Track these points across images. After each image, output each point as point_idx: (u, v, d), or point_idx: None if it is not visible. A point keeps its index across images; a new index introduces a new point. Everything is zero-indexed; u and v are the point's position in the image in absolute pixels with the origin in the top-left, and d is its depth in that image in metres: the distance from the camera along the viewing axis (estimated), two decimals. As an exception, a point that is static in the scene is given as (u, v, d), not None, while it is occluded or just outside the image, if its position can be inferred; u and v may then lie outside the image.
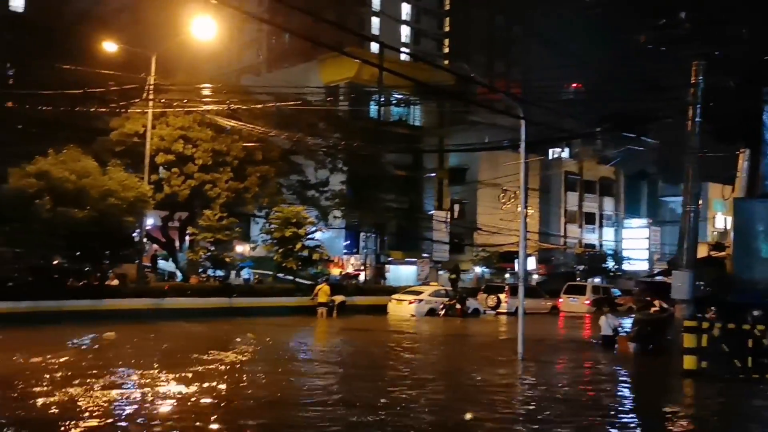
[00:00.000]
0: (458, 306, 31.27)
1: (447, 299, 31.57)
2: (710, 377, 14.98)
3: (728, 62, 18.42)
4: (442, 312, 30.89)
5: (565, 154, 62.33)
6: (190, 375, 13.05)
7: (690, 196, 18.16)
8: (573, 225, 60.28)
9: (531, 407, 11.93)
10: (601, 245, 61.54)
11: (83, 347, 17.18)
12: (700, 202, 19.55)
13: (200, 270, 31.65)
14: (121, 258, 27.13)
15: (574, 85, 49.94)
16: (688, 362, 15.29)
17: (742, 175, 22.07)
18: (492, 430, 9.99)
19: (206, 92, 30.30)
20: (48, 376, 12.51)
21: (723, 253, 23.04)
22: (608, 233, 63.11)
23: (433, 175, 51.30)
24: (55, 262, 26.55)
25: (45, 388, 11.40)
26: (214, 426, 9.49)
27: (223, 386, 12.18)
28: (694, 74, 17.60)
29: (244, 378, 13.36)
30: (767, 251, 19.39)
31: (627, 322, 22.94)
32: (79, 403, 10.35)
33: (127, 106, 27.48)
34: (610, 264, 56.83)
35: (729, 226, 24.94)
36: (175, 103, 27.94)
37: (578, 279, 47.95)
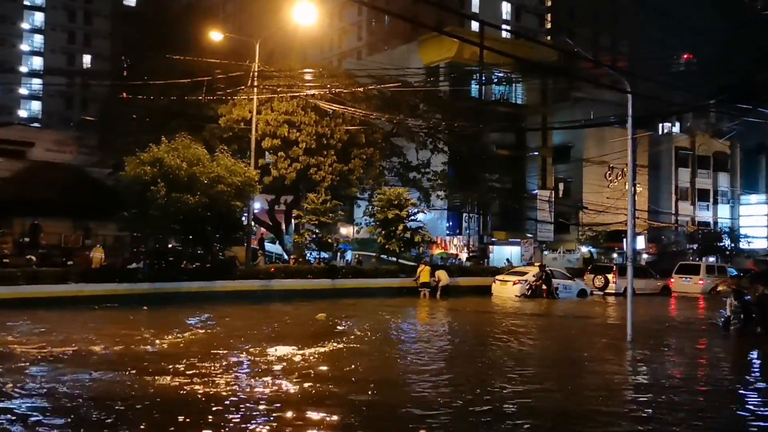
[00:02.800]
0: (544, 287, 30.56)
1: (533, 280, 30.83)
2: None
3: None
4: (529, 293, 30.23)
5: (676, 128, 59.83)
6: (304, 353, 13.44)
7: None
8: (685, 202, 57.92)
9: (640, 394, 11.65)
10: (715, 223, 58.88)
11: (200, 327, 17.96)
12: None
13: (304, 252, 32.37)
14: (230, 241, 28.06)
15: (686, 56, 47.84)
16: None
17: None
18: (599, 421, 9.79)
19: (309, 77, 30.84)
20: (181, 353, 13.20)
21: None
22: (723, 210, 60.27)
23: (537, 153, 50.43)
24: (169, 246, 27.76)
25: (178, 365, 12.04)
26: (327, 403, 9.76)
27: (334, 366, 12.49)
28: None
29: (355, 359, 13.64)
30: None
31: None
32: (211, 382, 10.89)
33: (233, 93, 28.33)
34: (726, 242, 54.28)
35: None
36: (279, 89, 28.60)
37: (691, 258, 46.11)
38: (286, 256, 33.07)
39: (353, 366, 12.51)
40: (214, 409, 9.21)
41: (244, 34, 28.91)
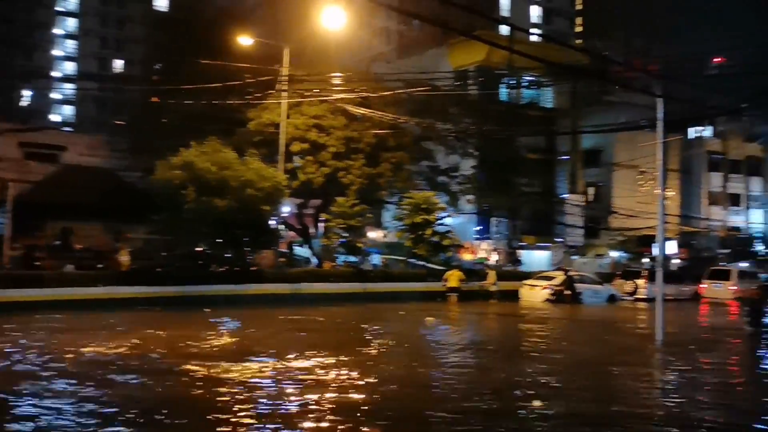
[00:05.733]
0: (567, 292, 30.34)
1: (556, 285, 30.60)
2: None
3: None
4: (554, 298, 30.03)
5: (708, 132, 59.02)
6: (335, 360, 13.52)
7: None
8: (717, 207, 57.09)
9: (663, 397, 11.55)
10: (748, 228, 57.96)
11: (231, 331, 18.11)
12: None
13: (335, 256, 32.48)
14: (260, 245, 28.25)
15: (717, 59, 47.19)
16: None
17: None
18: (626, 426, 9.73)
19: (338, 81, 30.95)
20: (208, 354, 13.36)
21: None
22: (756, 215, 59.30)
23: (567, 157, 50.03)
24: (199, 249, 28.02)
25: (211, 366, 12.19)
26: (360, 409, 9.81)
27: (366, 372, 12.54)
28: None
29: (386, 366, 13.68)
30: None
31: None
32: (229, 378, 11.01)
33: (263, 98, 28.53)
34: (759, 248, 53.38)
35: None
36: (307, 93, 28.75)
37: (722, 263, 45.43)
38: (314, 260, 33.21)
39: (392, 375, 12.56)
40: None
41: (274, 39, 29.09)
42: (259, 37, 28.86)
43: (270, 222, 28.80)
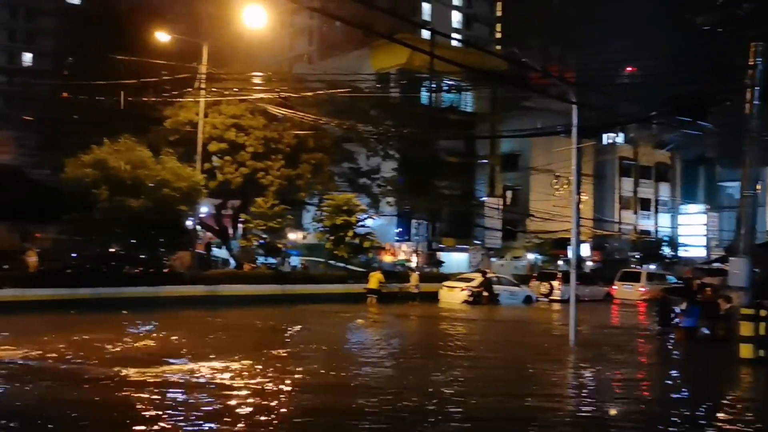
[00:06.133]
0: (485, 293, 30.92)
1: (474, 287, 31.13)
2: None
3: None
4: (471, 299, 30.52)
5: (620, 139, 61.11)
6: (245, 363, 13.28)
7: (748, 181, 17.66)
8: (628, 211, 59.16)
9: (575, 395, 11.84)
10: (656, 231, 60.31)
11: (139, 332, 17.60)
12: (759, 187, 19.02)
13: (254, 257, 32.09)
14: (176, 246, 27.65)
15: (629, 68, 48.88)
16: (745, 351, 14.97)
17: (803, 159, 21.41)
18: (541, 420, 9.90)
19: (258, 80, 30.59)
20: (102, 361, 12.91)
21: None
22: (664, 219, 61.77)
23: (486, 161, 50.90)
24: (112, 250, 27.21)
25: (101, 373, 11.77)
26: (278, 410, 9.65)
27: (280, 373, 12.36)
28: (752, 56, 17.08)
29: (301, 365, 13.52)
30: (829, 237, 18.80)
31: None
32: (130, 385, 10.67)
33: (180, 96, 27.94)
34: (666, 251, 55.62)
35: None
36: (227, 92, 28.31)
37: (633, 266, 47.08)
38: (233, 261, 32.71)
39: (301, 374, 12.41)
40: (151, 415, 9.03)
41: (192, 36, 28.49)
42: (176, 33, 28.22)
43: (187, 222, 28.22)
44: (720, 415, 10.50)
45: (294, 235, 38.96)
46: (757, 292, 16.48)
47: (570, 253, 23.16)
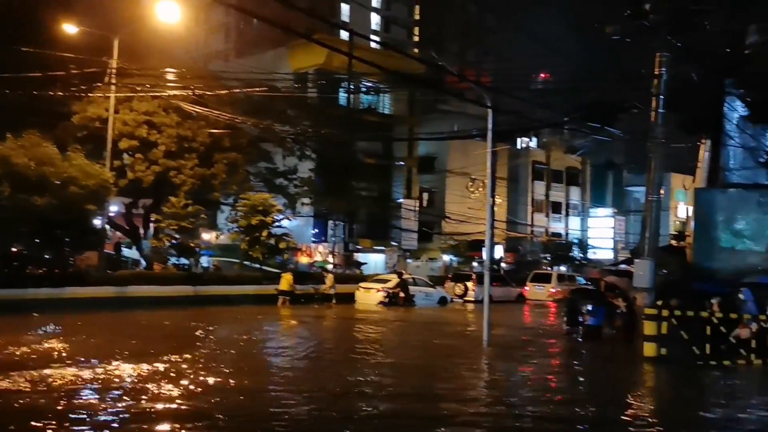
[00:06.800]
0: (401, 294, 31.20)
1: (390, 288, 31.34)
2: (670, 363, 15.22)
3: (692, 54, 18.60)
4: (387, 300, 30.72)
5: (533, 143, 62.71)
6: (151, 367, 12.89)
7: (653, 186, 18.33)
8: (540, 214, 60.74)
9: (487, 394, 12.01)
10: (567, 234, 62.12)
11: (42, 337, 16.88)
12: (663, 192, 19.77)
13: (165, 257, 31.34)
14: (83, 245, 26.71)
15: (543, 75, 50.18)
16: (649, 349, 15.53)
17: (703, 166, 22.40)
18: (453, 419, 9.98)
19: (172, 77, 29.84)
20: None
21: (684, 243, 23.39)
22: (574, 222, 63.70)
23: (403, 163, 51.27)
24: (14, 250, 26.05)
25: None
26: (186, 414, 9.38)
27: (188, 376, 12.05)
28: (657, 66, 17.74)
29: (209, 368, 13.22)
30: (726, 241, 19.77)
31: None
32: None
33: (89, 90, 26.99)
34: (576, 253, 57.40)
35: (690, 215, 25.33)
36: (138, 88, 27.49)
37: (544, 267, 48.34)
38: (143, 262, 31.82)
39: (207, 377, 12.14)
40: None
41: (103, 30, 27.51)
42: (86, 26, 27.21)
43: (95, 222, 27.27)
44: (625, 411, 10.84)
45: (208, 236, 38.25)
46: (662, 292, 17.12)
47: (484, 255, 23.54)
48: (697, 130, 23.53)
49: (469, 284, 36.26)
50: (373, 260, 47.38)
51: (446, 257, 51.74)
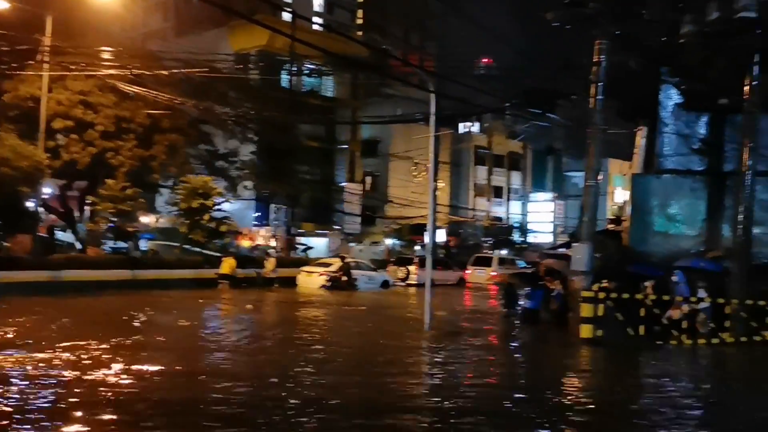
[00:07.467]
0: (344, 278, 31.25)
1: (333, 272, 31.35)
2: (605, 345, 15.60)
3: (630, 43, 18.94)
4: (329, 284, 30.73)
5: (476, 128, 63.21)
6: (80, 353, 12.59)
7: (591, 171, 18.68)
8: (482, 198, 61.37)
9: (429, 377, 12.12)
10: (508, 218, 62.96)
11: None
12: (601, 177, 20.19)
13: (102, 241, 30.65)
14: (15, 229, 25.89)
15: (485, 60, 50.57)
16: (585, 331, 15.88)
17: (639, 152, 22.94)
18: (392, 403, 10.03)
19: (108, 56, 29.02)
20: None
21: (621, 227, 23.96)
22: (515, 206, 64.57)
23: (346, 147, 51.10)
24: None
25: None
26: (123, 400, 9.18)
27: (125, 362, 11.80)
28: (596, 53, 18.02)
29: (147, 353, 12.98)
30: (661, 225, 20.32)
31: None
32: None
33: (20, 69, 26.06)
34: (517, 236, 58.24)
35: (627, 200, 25.96)
36: (73, 67, 26.66)
37: (485, 251, 48.92)
38: (79, 245, 31.02)
39: (147, 363, 11.92)
40: None
41: (36, 6, 26.55)
42: (17, 1, 26.21)
43: (28, 204, 26.46)
44: (561, 391, 11.07)
45: (146, 219, 37.52)
46: (599, 275, 17.51)
47: (426, 239, 23.71)
48: (634, 117, 24.08)
49: (412, 268, 36.45)
50: (316, 244, 47.22)
51: (389, 241, 51.90)
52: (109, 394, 9.53)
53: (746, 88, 17.59)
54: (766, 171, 18.92)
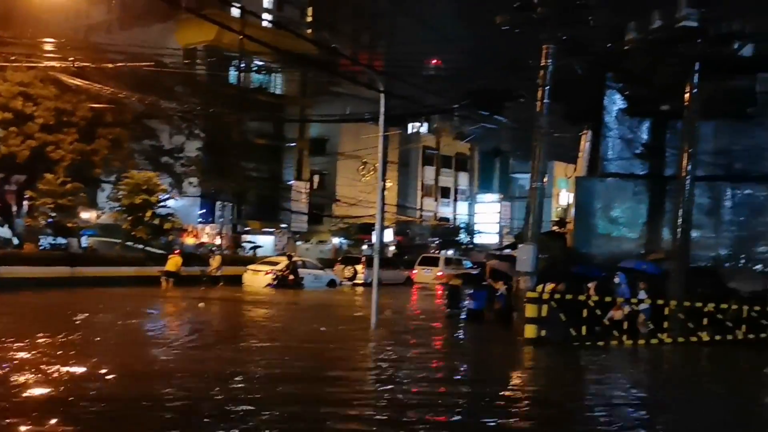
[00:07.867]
0: (290, 276, 31.08)
1: (279, 270, 31.13)
2: (549, 345, 15.81)
3: (576, 47, 19.23)
4: (276, 282, 30.51)
5: (424, 129, 63.53)
6: (10, 353, 12.22)
7: (537, 173, 18.88)
8: (429, 198, 61.73)
9: (375, 375, 12.10)
10: (455, 218, 63.45)
11: None
12: (546, 179, 20.45)
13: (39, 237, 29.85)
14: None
15: (434, 61, 50.77)
16: (529, 331, 16.04)
17: (583, 156, 23.34)
18: (338, 403, 9.97)
19: (50, 47, 28.23)
20: None
21: (565, 229, 24.33)
22: (462, 207, 65.13)
23: (294, 144, 50.80)
24: None
25: None
26: (61, 399, 8.90)
27: (61, 361, 11.47)
28: (543, 57, 18.24)
29: (85, 352, 12.64)
30: (604, 227, 20.72)
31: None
32: None
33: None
34: (463, 237, 58.74)
35: (571, 202, 26.41)
36: (13, 57, 25.86)
37: (432, 251, 49.22)
38: (16, 241, 30.14)
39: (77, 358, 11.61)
40: None
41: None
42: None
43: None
44: (505, 392, 11.17)
45: (87, 215, 36.65)
46: (543, 276, 17.73)
47: (374, 238, 23.70)
48: (579, 120, 24.48)
49: (359, 267, 36.45)
50: (263, 242, 46.83)
51: (336, 240, 51.81)
52: (34, 395, 9.24)
53: (687, 96, 18.05)
54: (704, 176, 19.46)
